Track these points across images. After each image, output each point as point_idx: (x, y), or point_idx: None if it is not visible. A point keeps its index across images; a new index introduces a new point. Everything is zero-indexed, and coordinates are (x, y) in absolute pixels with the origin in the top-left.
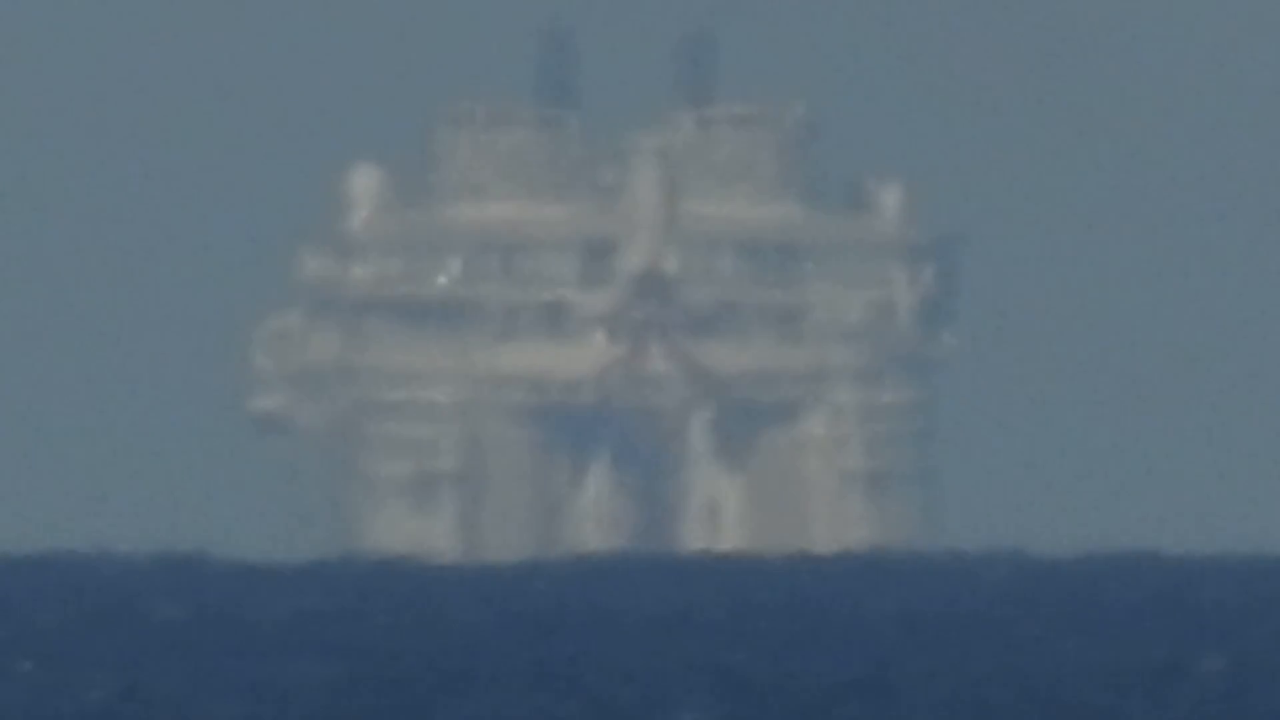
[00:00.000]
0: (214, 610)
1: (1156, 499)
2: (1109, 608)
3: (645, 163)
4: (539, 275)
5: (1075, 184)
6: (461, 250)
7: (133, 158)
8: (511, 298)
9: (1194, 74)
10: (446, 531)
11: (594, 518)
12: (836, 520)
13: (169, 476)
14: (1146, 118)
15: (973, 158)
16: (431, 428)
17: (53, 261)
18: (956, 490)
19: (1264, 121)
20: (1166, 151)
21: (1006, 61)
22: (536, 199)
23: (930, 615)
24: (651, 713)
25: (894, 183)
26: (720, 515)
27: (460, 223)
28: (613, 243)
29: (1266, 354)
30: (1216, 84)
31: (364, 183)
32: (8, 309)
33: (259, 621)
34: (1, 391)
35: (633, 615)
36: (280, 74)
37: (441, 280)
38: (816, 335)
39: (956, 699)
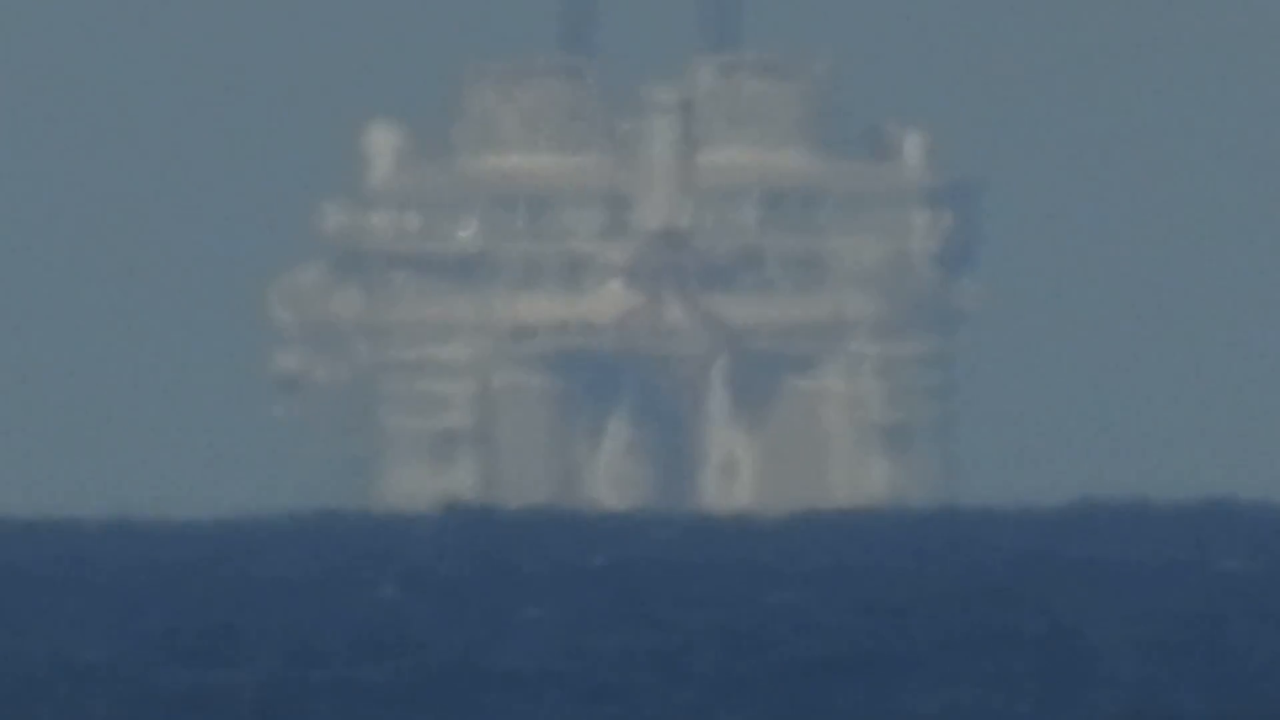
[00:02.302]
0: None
1: (1175, 451)
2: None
3: (662, 116)
4: (557, 228)
5: (1096, 131)
6: (479, 205)
7: (154, 116)
8: (530, 251)
9: (1217, 18)
10: (465, 488)
11: (611, 473)
12: (854, 475)
13: (189, 434)
14: (1167, 63)
15: (994, 105)
16: (449, 384)
17: (76, 220)
18: (976, 444)
19: None
20: (1188, 98)
21: (1026, 8)
22: (556, 151)
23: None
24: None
25: (915, 129)
26: (736, 471)
27: (478, 177)
28: (630, 196)
29: None
30: (1240, 29)
31: (384, 138)
32: (28, 266)
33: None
34: (22, 350)
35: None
36: (300, 31)
37: (463, 234)
38: (836, 284)
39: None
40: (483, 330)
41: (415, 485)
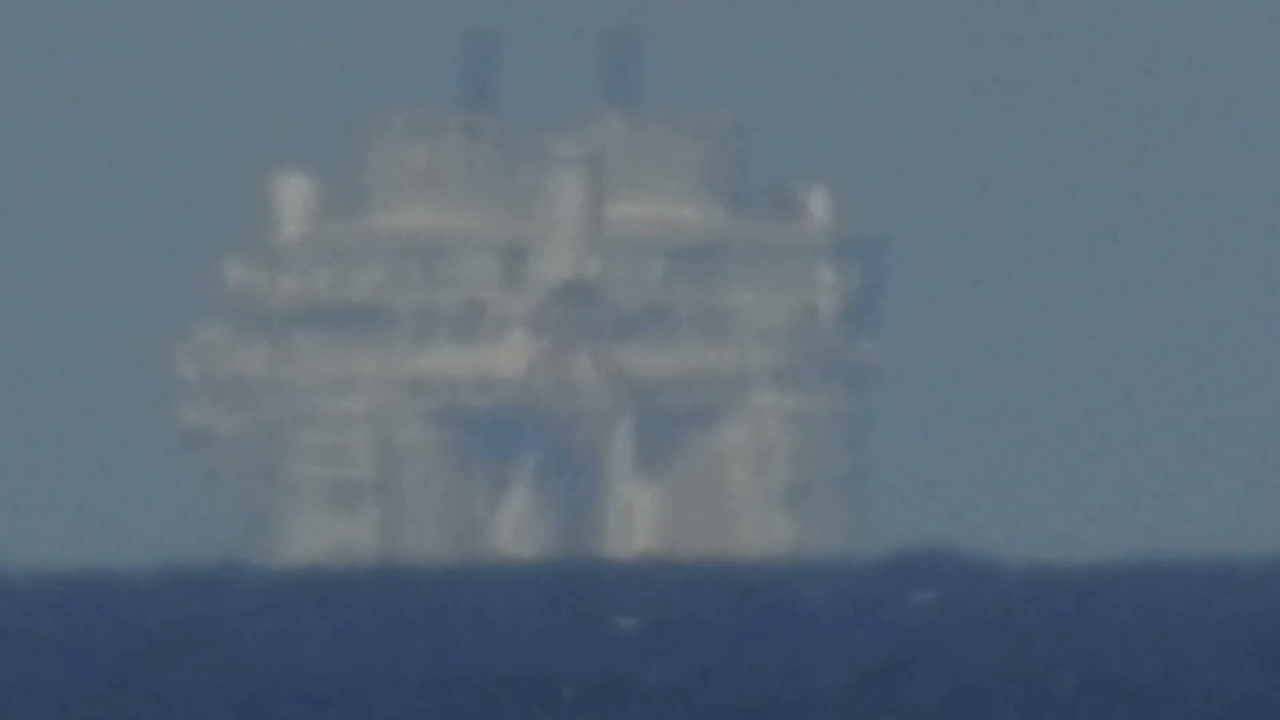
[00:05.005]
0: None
1: (1084, 504)
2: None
3: (567, 167)
4: (459, 280)
5: (1000, 187)
6: (383, 258)
7: (56, 167)
8: (431, 303)
9: (1117, 76)
10: (366, 539)
11: (514, 526)
12: (759, 530)
13: (93, 487)
14: (1070, 121)
15: (897, 162)
16: (351, 435)
17: None
18: (882, 498)
19: (1184, 121)
20: (1090, 155)
21: (931, 65)
22: (458, 205)
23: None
24: None
25: (819, 186)
26: (640, 526)
27: (382, 231)
28: (532, 248)
29: (1194, 352)
30: (1138, 85)
31: (289, 193)
32: None
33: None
34: None
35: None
36: (205, 85)
37: (364, 286)
38: (741, 338)
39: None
40: (385, 382)
41: (316, 536)
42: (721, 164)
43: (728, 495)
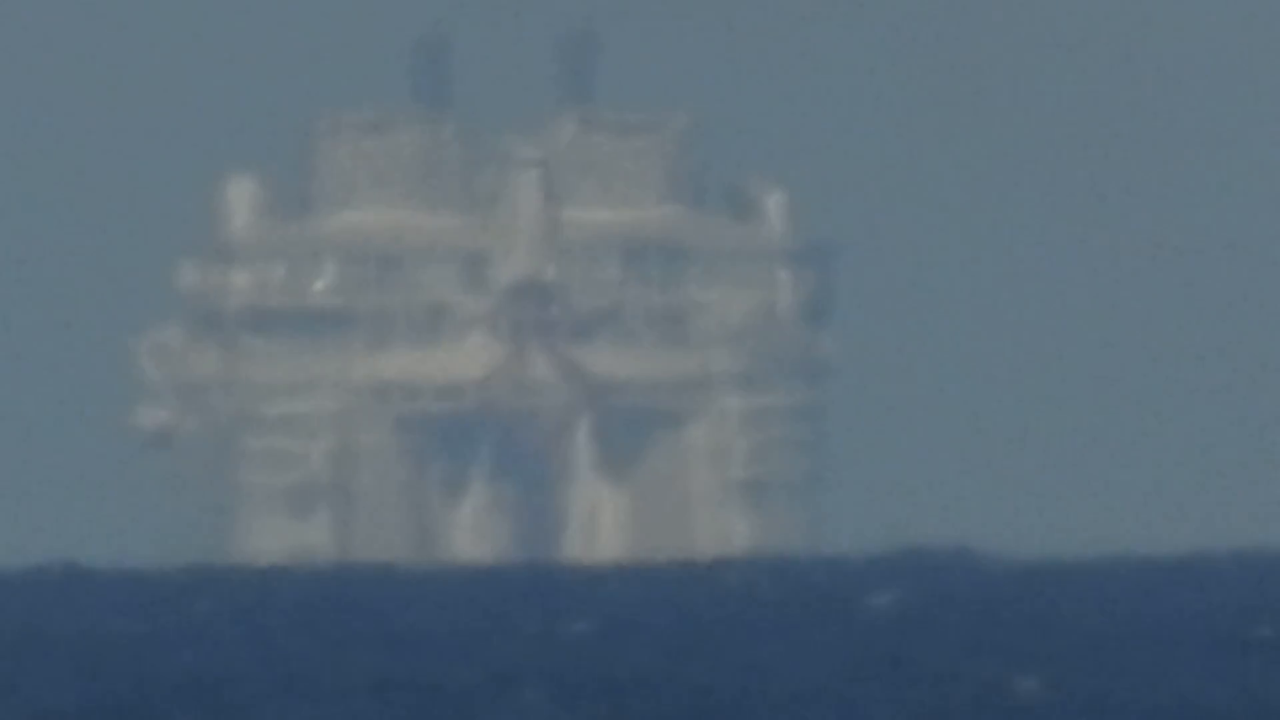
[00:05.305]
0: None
1: (1039, 501)
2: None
3: (524, 169)
4: (416, 283)
5: (955, 187)
6: (337, 259)
7: (7, 173)
8: (388, 305)
9: (1069, 79)
10: (322, 542)
11: (471, 529)
12: (719, 529)
13: (52, 488)
14: (1023, 122)
15: (854, 162)
16: (307, 439)
17: None
18: (842, 497)
19: (1136, 122)
20: (1044, 156)
21: (886, 68)
22: (413, 206)
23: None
24: None
25: (777, 187)
26: (601, 527)
27: (336, 232)
28: (490, 251)
29: (1144, 348)
30: (1091, 89)
31: (241, 193)
32: None
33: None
34: None
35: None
36: (156, 86)
37: (318, 286)
38: (700, 339)
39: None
40: (342, 386)
41: (272, 538)
42: (678, 165)
43: (687, 494)
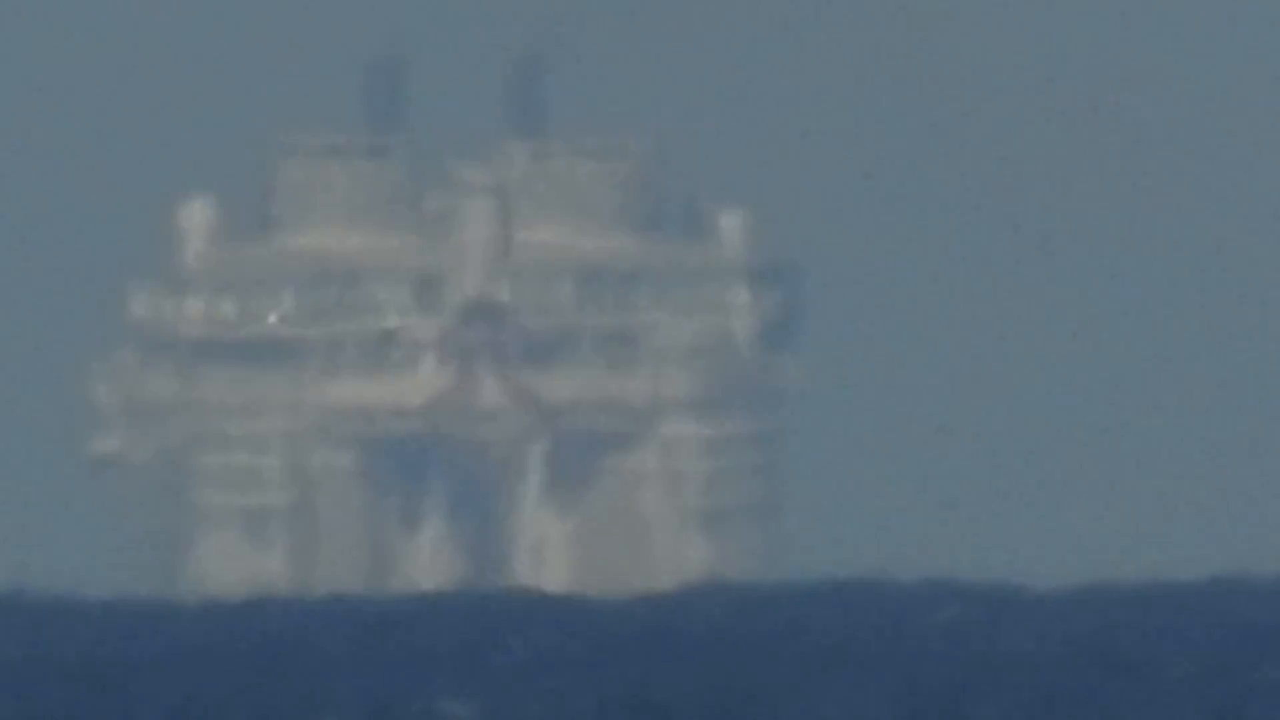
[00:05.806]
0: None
1: (1002, 527)
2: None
3: (476, 193)
4: (369, 307)
5: (916, 207)
6: (291, 284)
7: None
8: (341, 330)
9: (1031, 97)
10: (278, 566)
11: (426, 554)
12: (673, 557)
13: (4, 513)
14: (986, 142)
15: (812, 184)
16: (261, 462)
17: None
18: (799, 523)
19: (1101, 139)
20: (1007, 175)
21: (843, 87)
22: (365, 230)
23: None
24: None
25: (735, 208)
26: (551, 553)
27: (288, 256)
28: (442, 274)
29: (1112, 374)
30: (1052, 105)
31: (196, 217)
32: None
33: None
34: None
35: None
36: (111, 111)
37: (272, 319)
38: (654, 362)
39: None
40: (295, 410)
41: (227, 563)
42: (631, 188)
43: (641, 521)
